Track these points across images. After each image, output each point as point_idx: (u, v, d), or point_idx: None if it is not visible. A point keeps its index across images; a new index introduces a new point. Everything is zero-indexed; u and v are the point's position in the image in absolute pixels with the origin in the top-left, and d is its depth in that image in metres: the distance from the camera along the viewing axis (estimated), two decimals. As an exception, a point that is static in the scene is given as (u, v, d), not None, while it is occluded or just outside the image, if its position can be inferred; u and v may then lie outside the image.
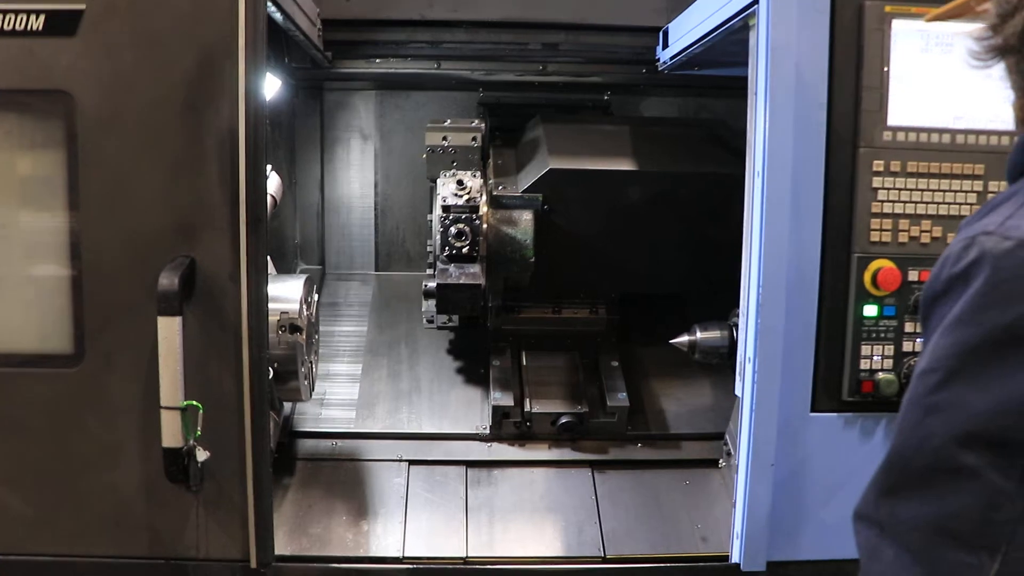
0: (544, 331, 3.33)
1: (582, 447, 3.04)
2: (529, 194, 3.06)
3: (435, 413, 3.15)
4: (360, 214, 4.00)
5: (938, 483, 1.12)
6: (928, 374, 1.15)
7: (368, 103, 3.92)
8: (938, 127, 2.35)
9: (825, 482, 2.47)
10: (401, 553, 2.61)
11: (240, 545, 2.43)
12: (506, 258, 3.06)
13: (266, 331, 2.38)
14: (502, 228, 3.06)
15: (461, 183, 3.00)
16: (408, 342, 3.52)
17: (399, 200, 4.00)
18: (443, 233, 2.95)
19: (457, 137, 3.15)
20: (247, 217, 2.28)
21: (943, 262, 1.20)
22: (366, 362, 3.40)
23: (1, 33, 2.26)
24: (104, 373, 2.39)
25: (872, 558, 1.19)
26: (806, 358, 2.43)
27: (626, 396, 3.09)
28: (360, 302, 3.81)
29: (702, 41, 2.73)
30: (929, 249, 2.38)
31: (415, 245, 4.02)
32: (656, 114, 3.89)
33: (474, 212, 2.96)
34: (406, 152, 3.92)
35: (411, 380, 3.31)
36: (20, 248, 2.46)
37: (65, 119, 2.31)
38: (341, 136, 3.95)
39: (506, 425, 3.04)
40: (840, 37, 2.33)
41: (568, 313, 3.35)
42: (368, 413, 3.13)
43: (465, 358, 3.42)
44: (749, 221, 2.40)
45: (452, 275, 2.90)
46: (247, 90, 2.24)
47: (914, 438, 1.16)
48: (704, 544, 2.70)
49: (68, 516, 2.45)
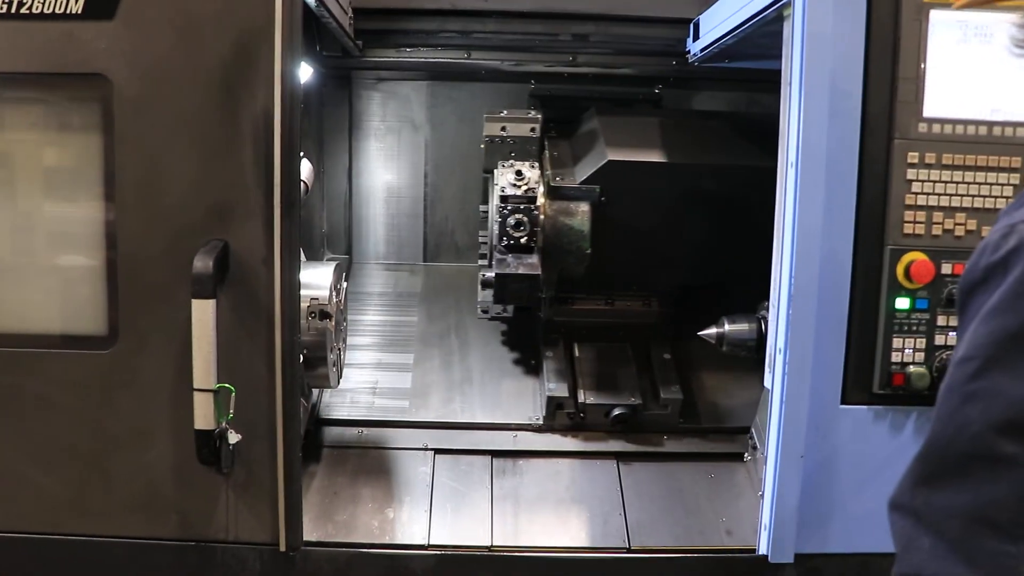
0: (596, 323, 3.34)
1: (590, 438, 3.05)
2: (587, 185, 3.06)
3: (487, 403, 3.16)
4: (393, 205, 4.02)
5: (976, 471, 1.12)
6: (966, 362, 1.15)
7: (405, 92, 3.93)
8: (975, 119, 2.34)
9: (854, 475, 2.46)
10: (427, 541, 2.61)
11: (269, 528, 2.45)
12: (563, 249, 3.08)
13: (298, 315, 2.39)
14: (559, 219, 3.07)
15: (520, 173, 3.02)
16: (458, 333, 3.54)
17: (445, 192, 4.02)
18: (501, 223, 2.98)
19: (515, 128, 3.17)
20: (281, 201, 2.29)
21: (981, 250, 1.19)
22: (417, 352, 3.43)
23: (41, 16, 2.28)
24: (137, 355, 2.41)
25: (908, 548, 1.17)
26: (837, 350, 2.42)
27: (679, 388, 3.10)
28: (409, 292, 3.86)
29: (735, 32, 2.72)
30: (963, 242, 2.37)
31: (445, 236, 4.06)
32: (687, 106, 3.88)
33: (532, 203, 2.98)
34: (453, 142, 3.94)
35: (463, 370, 3.33)
36: (56, 230, 2.49)
37: (102, 103, 2.33)
38: (371, 125, 3.95)
39: (559, 416, 3.06)
40: (876, 27, 2.32)
41: (621, 305, 3.36)
42: (421, 403, 3.15)
43: (516, 349, 3.44)
44: (781, 212, 2.39)
45: (511, 265, 2.91)
46: (283, 74, 2.24)
47: (951, 426, 1.15)
48: (729, 537, 2.70)
49: (100, 497, 2.47)
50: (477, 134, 3.29)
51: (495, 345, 3.47)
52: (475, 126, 3.56)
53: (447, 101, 3.91)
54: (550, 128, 3.35)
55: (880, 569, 2.49)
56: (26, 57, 2.31)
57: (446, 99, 3.91)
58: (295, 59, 2.26)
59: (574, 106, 3.55)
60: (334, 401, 3.15)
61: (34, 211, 2.50)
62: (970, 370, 1.13)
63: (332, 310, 2.66)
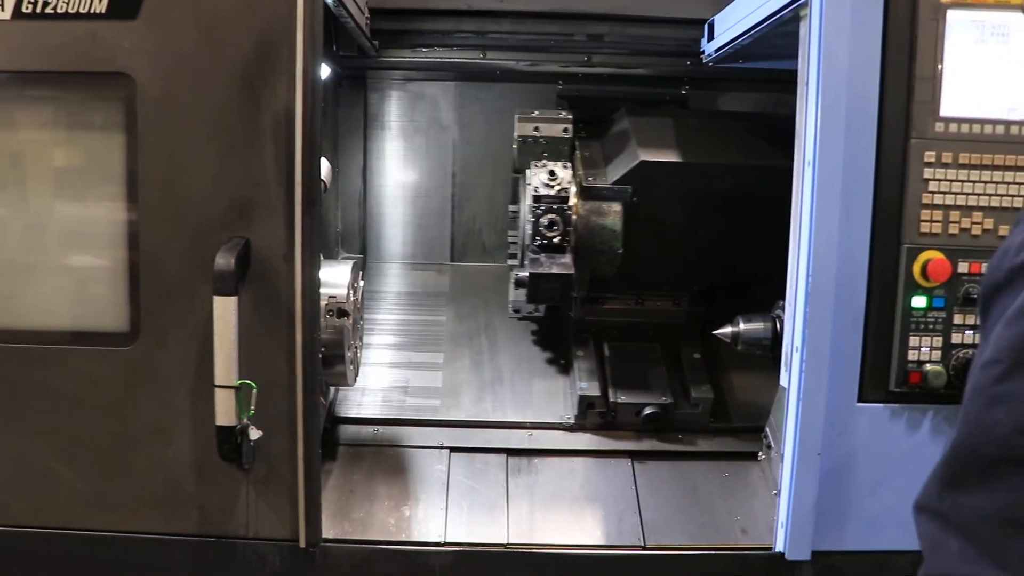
0: (626, 322, 3.36)
1: (620, 437, 3.06)
2: (619, 186, 3.09)
3: (518, 402, 3.19)
4: (420, 204, 4.05)
5: (1005, 473, 1.11)
6: (992, 365, 1.14)
7: (418, 93, 3.95)
8: (992, 118, 2.34)
9: (871, 473, 2.46)
10: (443, 538, 2.63)
11: (289, 524, 2.46)
12: (595, 249, 3.10)
13: (319, 313, 2.41)
14: (592, 219, 3.09)
15: (553, 173, 3.04)
16: (488, 332, 3.57)
17: (472, 190, 4.05)
18: (534, 223, 3.00)
19: (548, 128, 3.19)
20: (302, 199, 2.31)
21: (1003, 253, 1.19)
22: (448, 351, 3.46)
23: (65, 16, 2.31)
24: (158, 351, 2.43)
25: (936, 550, 1.17)
26: (853, 348, 2.43)
27: (710, 388, 3.12)
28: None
29: (750, 33, 2.74)
30: (980, 241, 2.38)
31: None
32: (712, 107, 3.91)
33: (565, 202, 3.01)
34: (482, 142, 3.97)
35: (493, 369, 3.36)
36: (78, 228, 2.51)
37: (126, 102, 2.35)
38: (394, 125, 3.98)
39: (591, 415, 3.08)
40: (893, 27, 2.33)
41: (651, 305, 3.38)
42: (453, 402, 3.17)
43: (545, 349, 3.47)
44: (798, 211, 2.41)
45: (544, 264, 2.95)
46: (304, 72, 2.26)
47: (979, 429, 1.14)
48: (744, 536, 2.70)
49: (120, 492, 2.49)
50: (505, 134, 3.31)
51: (525, 344, 3.50)
52: (503, 126, 3.60)
53: (474, 101, 3.94)
54: (580, 129, 3.38)
55: (897, 566, 2.50)
56: (50, 56, 2.34)
57: (474, 99, 3.94)
58: (316, 57, 2.28)
59: (601, 107, 3.57)
60: (351, 398, 3.17)
61: (57, 208, 2.52)
62: (996, 373, 1.13)
63: (350, 308, 2.68)
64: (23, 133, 2.48)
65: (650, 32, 3.49)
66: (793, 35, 2.43)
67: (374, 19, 3.35)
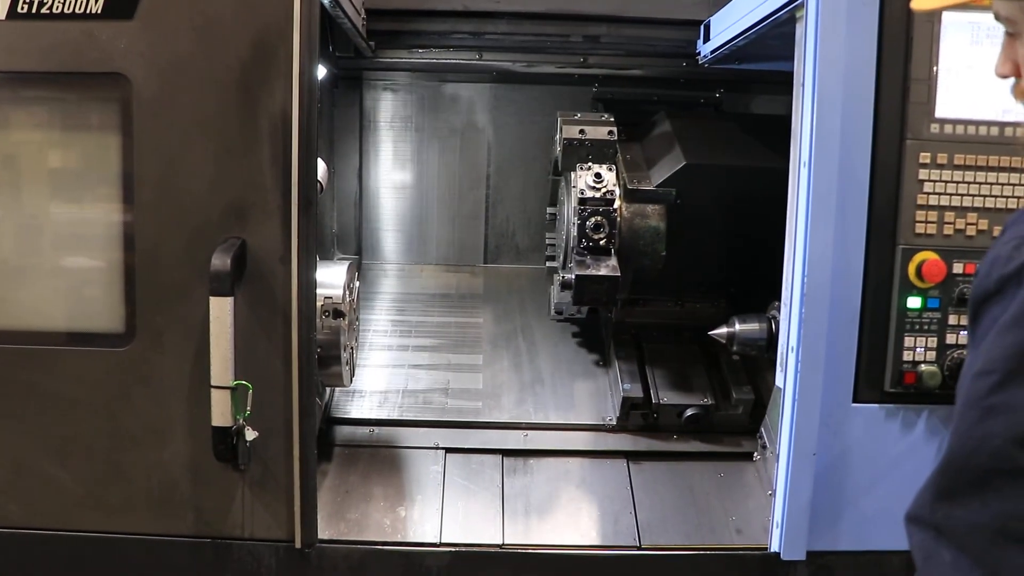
0: (666, 324, 3.39)
1: (618, 438, 3.06)
2: (663, 188, 3.11)
3: (560, 404, 3.20)
4: (454, 206, 4.10)
5: (997, 485, 1.12)
6: (984, 376, 1.15)
7: (414, 94, 3.97)
8: (986, 120, 2.36)
9: (866, 473, 2.47)
10: (439, 539, 2.63)
11: (285, 525, 2.46)
12: (639, 251, 3.12)
13: (315, 313, 2.40)
14: (636, 221, 3.11)
15: (599, 176, 3.06)
16: (525, 334, 3.60)
17: (507, 192, 4.08)
18: (580, 225, 3.02)
19: (593, 130, 3.19)
20: (298, 200, 2.31)
21: (992, 262, 1.20)
22: (487, 353, 3.48)
23: (61, 16, 2.31)
24: (154, 352, 2.42)
25: (929, 561, 1.18)
26: (849, 349, 2.43)
27: (751, 389, 3.12)
28: None
29: (745, 34, 2.75)
30: (974, 242, 2.39)
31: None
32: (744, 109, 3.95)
33: (610, 205, 3.03)
34: (514, 143, 4.01)
35: (532, 371, 3.38)
36: (74, 229, 2.51)
37: (121, 102, 2.35)
38: (383, 126, 3.99)
39: (633, 416, 3.08)
40: (889, 28, 2.34)
41: (690, 306, 3.39)
42: (495, 404, 3.18)
43: (584, 350, 3.49)
44: (794, 212, 2.42)
45: (591, 266, 2.97)
46: (301, 73, 2.26)
47: (972, 440, 1.15)
48: (739, 536, 2.71)
49: (116, 493, 2.49)
50: (535, 135, 3.28)
51: (562, 347, 3.53)
52: (534, 128, 3.70)
53: (509, 104, 3.97)
54: (620, 131, 3.37)
55: (892, 567, 2.51)
56: (46, 56, 2.33)
57: (508, 101, 3.97)
58: (313, 58, 2.28)
59: (635, 110, 3.61)
60: (436, 400, 3.21)
61: (52, 209, 2.51)
62: (989, 384, 1.14)
63: (346, 309, 2.68)
64: (18, 134, 2.47)
65: (646, 33, 3.49)
66: (789, 36, 2.44)
67: (370, 20, 3.35)
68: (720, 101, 3.80)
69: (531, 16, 3.46)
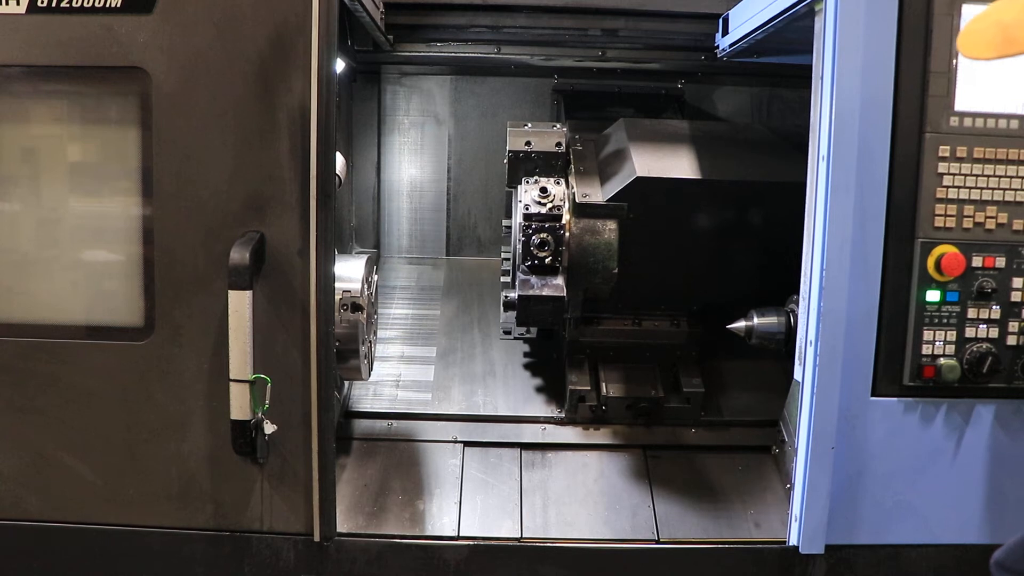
0: (623, 343, 3.24)
1: (636, 433, 3.06)
2: (615, 203, 2.94)
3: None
4: (427, 199, 4.09)
5: None
6: None
7: (431, 88, 3.98)
8: (1006, 113, 2.35)
9: (884, 467, 2.47)
10: (457, 532, 2.63)
11: (303, 519, 2.48)
12: (589, 268, 2.98)
13: (333, 307, 2.41)
14: (585, 237, 2.97)
15: (544, 190, 2.94)
16: (481, 326, 3.58)
17: (470, 185, 4.09)
18: (525, 243, 2.90)
19: (540, 141, 3.04)
20: (317, 194, 2.32)
21: None
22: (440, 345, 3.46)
23: (80, 10, 2.32)
24: (173, 346, 2.43)
25: None
26: (867, 342, 2.43)
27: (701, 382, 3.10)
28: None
29: (764, 28, 2.74)
30: (994, 235, 2.38)
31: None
32: (709, 101, 3.92)
33: (557, 221, 2.91)
34: (478, 137, 4.00)
35: (485, 363, 3.37)
36: (94, 222, 2.52)
37: (140, 96, 2.36)
38: (401, 120, 4.00)
39: (582, 408, 3.06)
40: (908, 22, 2.33)
41: (648, 325, 3.24)
42: (444, 396, 3.17)
43: (539, 372, 3.37)
44: (812, 205, 2.41)
45: (534, 286, 2.85)
46: (319, 67, 2.27)
47: None
48: (757, 529, 2.71)
49: (135, 487, 2.50)
50: (500, 129, 3.26)
51: (517, 366, 3.41)
52: (497, 121, 3.65)
53: (469, 96, 3.95)
54: (575, 140, 3.26)
55: (910, 560, 2.51)
56: (65, 51, 2.34)
57: (468, 94, 3.95)
58: (331, 52, 2.28)
59: (596, 103, 3.56)
60: (365, 393, 3.19)
61: (71, 203, 2.52)
62: None
63: (364, 303, 2.68)
64: (38, 128, 2.48)
65: (665, 27, 3.47)
66: (808, 30, 2.43)
67: (389, 13, 3.35)
68: (682, 92, 3.71)
69: (550, 10, 3.45)
